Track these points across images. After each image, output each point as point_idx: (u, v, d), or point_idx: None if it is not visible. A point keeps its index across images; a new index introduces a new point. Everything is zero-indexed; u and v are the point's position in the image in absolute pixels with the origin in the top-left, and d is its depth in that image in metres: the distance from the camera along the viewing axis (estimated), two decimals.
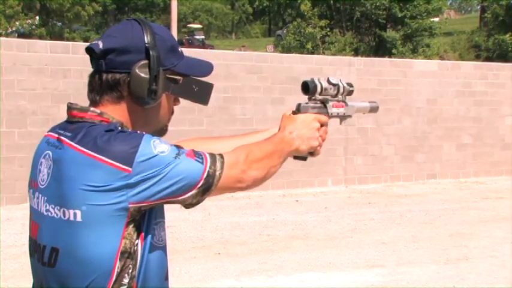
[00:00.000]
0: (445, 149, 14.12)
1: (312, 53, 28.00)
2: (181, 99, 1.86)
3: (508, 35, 33.87)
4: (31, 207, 1.81)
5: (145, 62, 1.72)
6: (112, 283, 1.69)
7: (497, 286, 6.31)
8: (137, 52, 1.72)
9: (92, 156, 1.65)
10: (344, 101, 2.06)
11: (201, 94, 1.83)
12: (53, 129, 1.80)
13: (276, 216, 9.65)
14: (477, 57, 34.62)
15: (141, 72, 1.72)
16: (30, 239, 1.81)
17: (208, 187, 1.71)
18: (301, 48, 29.83)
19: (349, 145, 13.10)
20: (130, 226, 1.69)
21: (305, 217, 9.62)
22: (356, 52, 30.63)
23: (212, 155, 1.74)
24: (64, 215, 1.69)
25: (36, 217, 1.77)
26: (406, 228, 8.93)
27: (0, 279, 6.39)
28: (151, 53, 1.72)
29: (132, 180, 1.64)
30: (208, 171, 1.71)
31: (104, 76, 1.74)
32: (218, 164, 1.72)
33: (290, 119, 1.91)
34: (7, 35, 33.55)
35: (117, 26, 1.80)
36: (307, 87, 1.96)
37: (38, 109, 10.44)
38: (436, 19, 36.47)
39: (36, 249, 1.78)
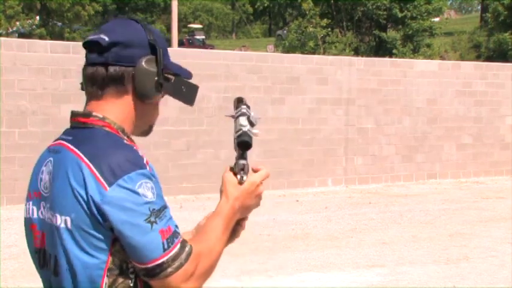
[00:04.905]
0: (445, 149, 14.12)
1: (313, 52, 28.00)
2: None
3: (507, 33, 33.83)
4: (36, 219, 1.73)
5: (151, 56, 1.72)
6: None
7: (497, 286, 6.31)
8: (141, 47, 1.73)
9: (84, 162, 1.62)
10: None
11: (189, 95, 1.83)
12: (55, 140, 1.76)
13: (276, 216, 9.64)
14: (478, 57, 34.63)
15: (149, 66, 1.71)
16: (38, 251, 1.74)
17: (152, 275, 1.60)
18: (302, 47, 29.83)
19: (349, 145, 13.09)
20: (120, 243, 1.61)
21: (305, 217, 9.61)
22: (356, 52, 30.64)
23: (181, 251, 1.61)
24: (56, 221, 1.65)
25: (43, 227, 1.71)
26: (406, 228, 8.92)
27: (0, 279, 6.38)
28: (157, 47, 1.73)
29: (104, 201, 1.58)
30: (163, 262, 1.59)
31: (109, 69, 1.71)
32: (177, 263, 1.60)
33: (239, 190, 1.77)
34: (7, 35, 33.57)
35: (115, 22, 1.79)
36: (249, 145, 1.79)
37: (38, 109, 10.44)
38: (437, 19, 36.48)
39: (46, 259, 1.72)
